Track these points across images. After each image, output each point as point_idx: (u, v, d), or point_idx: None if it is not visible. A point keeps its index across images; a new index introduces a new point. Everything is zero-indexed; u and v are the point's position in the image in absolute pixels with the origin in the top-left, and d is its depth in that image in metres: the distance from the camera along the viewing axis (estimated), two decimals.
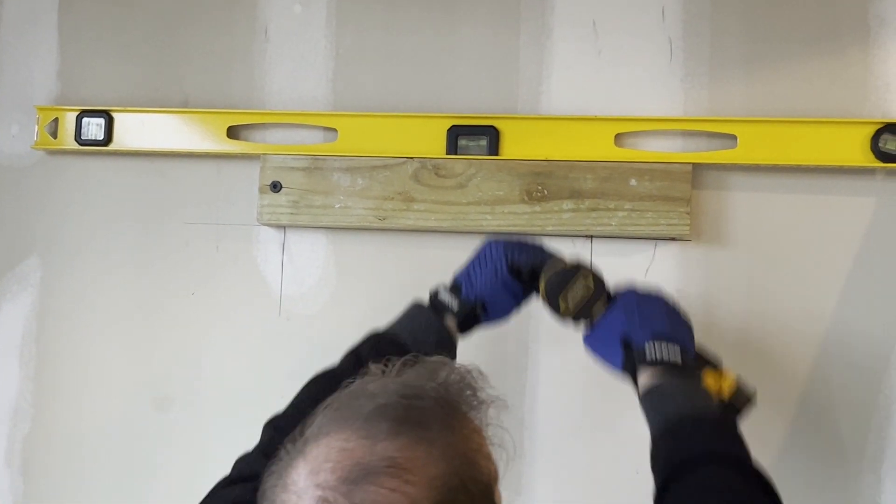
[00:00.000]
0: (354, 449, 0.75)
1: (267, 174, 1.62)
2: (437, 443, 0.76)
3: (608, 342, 1.26)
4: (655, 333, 1.21)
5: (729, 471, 1.01)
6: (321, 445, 0.76)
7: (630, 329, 1.23)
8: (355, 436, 0.76)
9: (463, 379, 0.84)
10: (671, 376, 1.17)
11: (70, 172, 1.76)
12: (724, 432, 1.10)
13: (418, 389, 0.80)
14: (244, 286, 1.68)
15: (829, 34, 1.50)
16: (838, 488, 1.47)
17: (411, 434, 0.76)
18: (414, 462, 0.74)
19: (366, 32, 1.66)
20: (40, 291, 1.76)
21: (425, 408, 0.78)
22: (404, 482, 0.73)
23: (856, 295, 1.48)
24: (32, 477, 1.75)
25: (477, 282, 1.30)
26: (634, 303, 1.27)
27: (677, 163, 1.50)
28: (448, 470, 0.75)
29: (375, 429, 0.76)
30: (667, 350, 1.19)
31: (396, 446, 0.75)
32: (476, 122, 1.57)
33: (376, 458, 0.74)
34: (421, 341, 1.23)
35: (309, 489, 0.74)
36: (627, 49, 1.56)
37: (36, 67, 1.78)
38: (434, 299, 1.30)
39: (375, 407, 0.78)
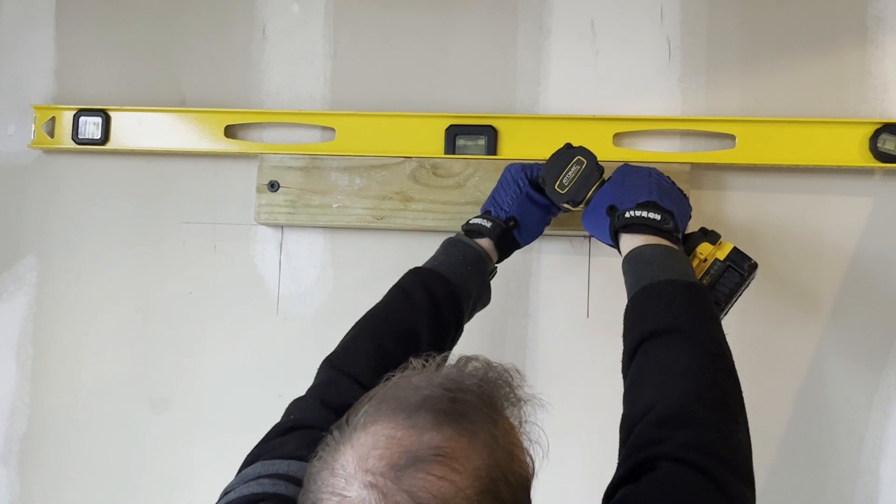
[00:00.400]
0: (402, 437, 0.77)
1: (264, 173, 1.62)
2: (480, 434, 0.79)
3: (598, 215, 1.30)
4: (639, 202, 1.26)
5: (680, 341, 1.08)
6: (368, 433, 0.79)
7: (616, 199, 1.28)
8: (402, 425, 0.78)
9: (501, 376, 0.86)
10: (651, 241, 1.21)
11: (67, 172, 1.75)
12: (688, 297, 1.14)
13: (461, 384, 0.83)
14: (241, 286, 1.68)
15: (826, 34, 1.50)
16: (835, 487, 1.47)
17: (456, 425, 0.78)
18: (459, 451, 0.77)
19: (363, 32, 1.66)
20: (37, 291, 1.76)
21: (468, 401, 0.81)
22: (451, 470, 0.76)
23: (853, 294, 1.48)
24: (29, 476, 1.74)
25: (503, 202, 1.36)
26: (623, 176, 1.32)
27: (675, 163, 1.50)
28: (490, 461, 0.78)
29: (421, 419, 0.78)
30: (647, 213, 1.23)
31: (443, 436, 0.77)
32: (475, 122, 1.57)
33: (423, 447, 0.76)
34: (459, 273, 1.29)
35: (358, 474, 0.76)
36: (625, 49, 1.57)
37: (33, 66, 1.78)
38: (466, 226, 1.35)
39: (421, 398, 0.80)
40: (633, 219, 1.24)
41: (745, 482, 0.98)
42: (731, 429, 1.01)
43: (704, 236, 1.32)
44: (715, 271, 1.27)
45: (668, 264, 1.19)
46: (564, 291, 1.56)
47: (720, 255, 1.28)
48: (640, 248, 1.21)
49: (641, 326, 1.13)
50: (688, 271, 1.19)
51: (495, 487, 0.78)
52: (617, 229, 1.26)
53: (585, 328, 1.55)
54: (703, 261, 1.28)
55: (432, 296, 1.26)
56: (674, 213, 1.26)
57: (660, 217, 1.23)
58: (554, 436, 1.52)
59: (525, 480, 0.82)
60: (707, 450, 0.97)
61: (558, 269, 1.56)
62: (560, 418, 1.54)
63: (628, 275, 1.21)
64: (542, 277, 1.57)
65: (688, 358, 1.07)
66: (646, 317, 1.14)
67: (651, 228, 1.23)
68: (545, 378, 1.56)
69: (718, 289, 1.27)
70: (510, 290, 1.58)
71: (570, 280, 1.56)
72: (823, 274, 1.49)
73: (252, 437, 1.20)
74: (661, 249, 1.21)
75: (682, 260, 1.21)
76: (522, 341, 1.58)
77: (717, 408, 1.03)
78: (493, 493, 0.77)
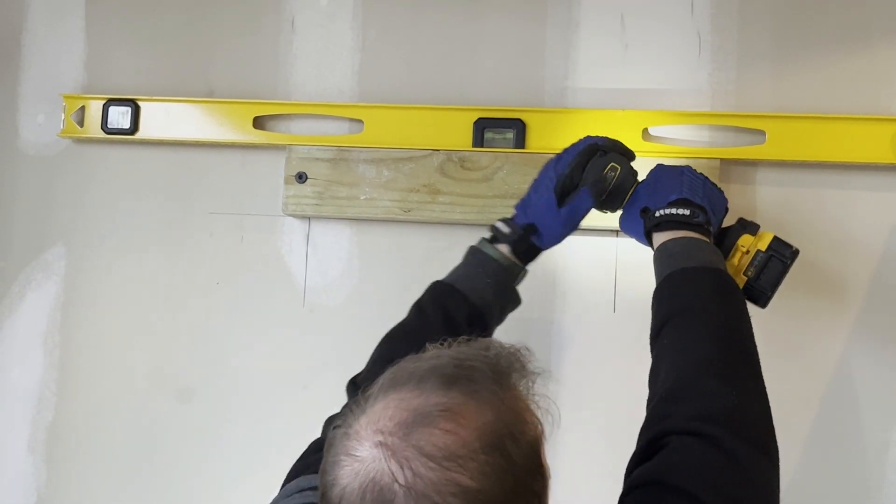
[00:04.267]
0: (410, 400, 0.80)
1: (292, 165, 1.62)
2: (485, 395, 0.81)
3: (633, 218, 1.32)
4: (671, 201, 1.27)
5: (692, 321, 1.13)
6: (380, 402, 0.82)
7: (649, 200, 1.30)
8: (411, 393, 0.81)
9: (511, 352, 0.89)
10: (678, 235, 1.24)
11: (95, 161, 1.76)
12: (704, 281, 1.17)
13: (468, 354, 0.86)
14: (268, 277, 1.68)
15: (858, 29, 1.49)
16: (861, 487, 1.46)
17: (461, 387, 0.81)
18: (464, 409, 0.79)
19: (392, 25, 1.66)
20: (65, 280, 1.77)
21: (474, 366, 0.83)
22: (457, 425, 0.78)
23: (883, 290, 1.47)
24: (55, 465, 1.76)
25: (528, 205, 1.34)
26: (656, 177, 1.33)
27: (705, 158, 1.50)
28: (496, 420, 0.80)
29: (429, 385, 0.81)
30: (676, 210, 1.25)
31: (449, 397, 0.80)
32: (503, 116, 1.57)
33: (430, 405, 0.79)
34: (478, 286, 1.29)
35: (369, 436, 0.79)
36: (655, 43, 1.56)
37: (62, 57, 1.79)
38: (491, 229, 1.34)
39: (429, 368, 0.83)
40: (662, 217, 1.26)
41: (759, 451, 0.99)
42: (740, 399, 1.03)
43: (744, 228, 1.33)
44: (759, 262, 1.28)
45: (690, 254, 1.21)
46: (591, 287, 1.56)
47: (762, 245, 1.29)
48: (666, 243, 1.24)
49: (660, 313, 1.18)
50: (710, 258, 1.21)
51: (501, 443, 0.79)
52: (649, 229, 1.28)
53: (612, 323, 1.54)
54: (746, 252, 1.30)
55: (447, 313, 1.26)
56: (705, 207, 1.27)
57: (689, 212, 1.25)
58: (581, 430, 1.53)
59: (534, 441, 0.84)
60: (712, 418, 1.00)
61: (585, 264, 1.56)
62: (587, 412, 1.55)
63: (656, 269, 1.24)
64: (569, 272, 1.57)
65: (698, 335, 1.11)
66: (663, 303, 1.18)
67: (680, 224, 1.25)
68: (571, 373, 1.56)
69: (763, 278, 1.28)
70: (536, 286, 1.57)
71: (596, 275, 1.55)
72: (853, 270, 1.48)
73: (277, 428, 1.21)
74: (685, 241, 1.23)
75: (705, 249, 1.23)
76: (548, 336, 1.57)
77: (723, 379, 1.05)
78: (499, 449, 0.79)
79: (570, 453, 1.54)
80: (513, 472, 0.79)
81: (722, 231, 1.33)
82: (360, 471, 0.78)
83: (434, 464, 0.76)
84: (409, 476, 0.76)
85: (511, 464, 0.79)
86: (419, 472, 0.76)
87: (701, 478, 0.95)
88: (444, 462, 0.76)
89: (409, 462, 0.76)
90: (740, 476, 0.96)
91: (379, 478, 0.77)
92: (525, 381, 0.88)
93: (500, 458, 0.79)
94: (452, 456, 0.77)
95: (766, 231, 1.32)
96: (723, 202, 1.33)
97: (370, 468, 0.77)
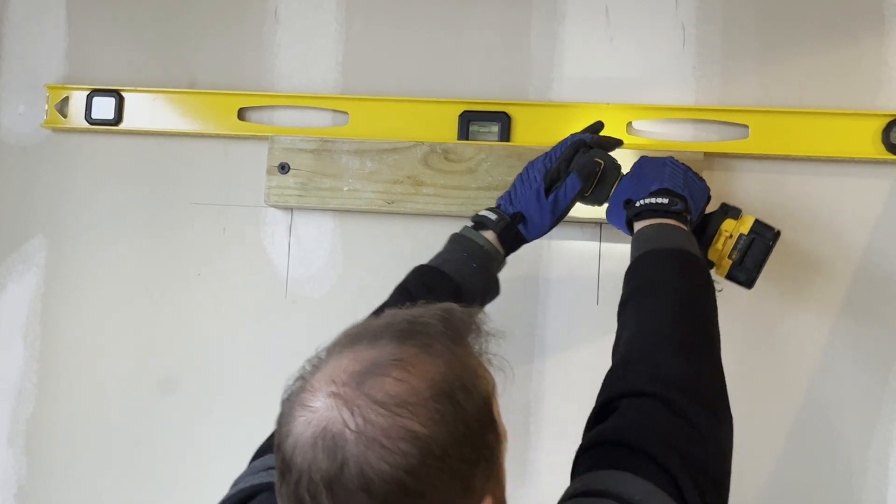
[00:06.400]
0: (364, 353, 0.82)
1: (275, 155, 1.62)
2: (438, 349, 0.83)
3: (618, 209, 1.35)
4: (652, 191, 1.32)
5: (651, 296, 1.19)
6: (334, 358, 0.83)
7: (632, 192, 1.34)
8: (365, 348, 0.83)
9: (467, 313, 0.90)
10: (656, 222, 1.28)
11: (77, 152, 1.75)
12: (667, 259, 1.23)
13: (424, 314, 0.87)
14: (251, 268, 1.67)
15: (843, 25, 1.50)
16: (843, 481, 1.47)
17: (414, 342, 0.83)
18: (416, 359, 0.82)
19: (376, 16, 1.65)
20: (45, 271, 1.76)
21: (428, 323, 0.86)
22: (408, 374, 0.80)
23: (866, 284, 1.47)
24: (36, 457, 1.74)
25: (516, 196, 1.38)
26: (639, 169, 1.37)
27: (689, 151, 1.50)
28: (448, 372, 0.82)
29: (383, 340, 0.83)
30: (655, 200, 1.30)
31: (402, 349, 0.82)
32: (488, 109, 1.56)
33: (383, 356, 0.81)
34: (463, 270, 1.32)
35: (322, 386, 0.81)
36: (640, 36, 1.56)
37: (43, 46, 1.78)
38: (474, 217, 1.38)
39: (384, 325, 0.85)
40: (642, 207, 1.30)
41: (709, 411, 1.03)
42: (693, 367, 1.08)
43: (725, 214, 1.37)
44: (742, 245, 1.34)
45: (662, 237, 1.26)
46: (575, 278, 1.56)
47: (744, 229, 1.34)
48: (643, 229, 1.29)
49: (626, 289, 1.24)
50: (680, 241, 1.26)
51: (452, 393, 0.81)
52: (630, 219, 1.32)
53: (595, 315, 1.54)
54: (730, 237, 1.34)
55: (434, 295, 1.26)
56: (685, 196, 1.31)
57: (667, 201, 1.29)
58: (564, 421, 1.53)
59: (486, 394, 0.85)
60: (663, 381, 1.05)
61: (569, 255, 1.56)
62: (570, 403, 1.55)
63: (631, 253, 1.28)
64: (553, 264, 1.57)
65: (657, 309, 1.16)
66: (630, 280, 1.24)
67: (658, 212, 1.29)
68: (555, 364, 1.56)
69: (748, 260, 1.33)
70: (520, 277, 1.57)
71: (580, 267, 1.55)
72: (835, 264, 1.48)
73: (260, 420, 1.19)
74: (659, 226, 1.28)
75: (678, 233, 1.27)
76: (532, 328, 1.57)
77: (678, 348, 1.11)
78: (449, 397, 0.80)
79: (553, 444, 1.54)
80: (464, 420, 0.81)
81: (705, 217, 1.37)
82: (313, 420, 0.79)
83: (385, 410, 0.78)
84: (359, 422, 0.78)
85: (462, 413, 0.81)
86: (370, 419, 0.77)
87: (653, 435, 0.99)
88: (394, 408, 0.78)
89: (360, 409, 0.78)
90: (691, 433, 1.00)
91: (331, 426, 0.78)
92: (480, 340, 0.90)
93: (451, 407, 0.80)
94: (403, 403, 0.78)
95: (748, 215, 1.36)
96: (704, 191, 1.36)
97: (322, 417, 0.79)
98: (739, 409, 1.47)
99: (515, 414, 1.56)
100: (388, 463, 0.77)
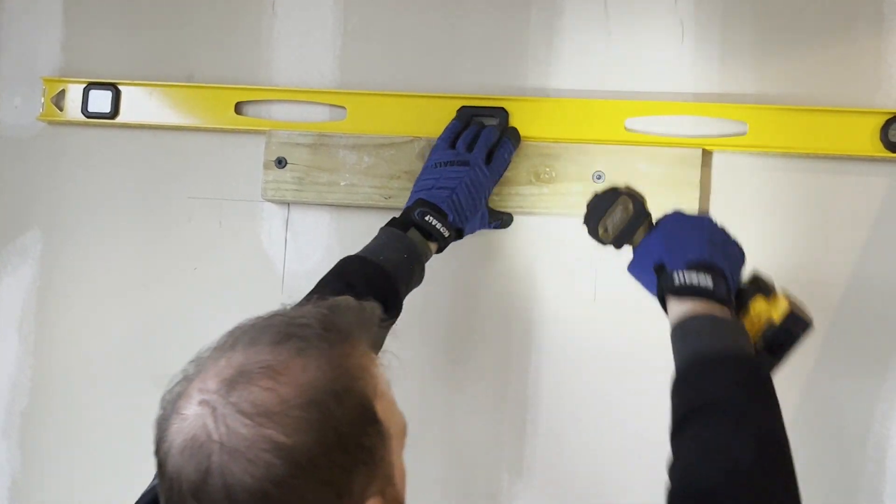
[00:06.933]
0: (239, 358, 0.82)
1: (272, 150, 1.61)
2: (313, 353, 0.83)
3: (645, 268, 1.24)
4: (689, 260, 1.18)
5: (724, 422, 1.02)
6: (212, 362, 0.84)
7: (665, 255, 1.21)
8: (240, 352, 0.83)
9: (356, 309, 0.91)
10: (701, 309, 1.14)
11: (74, 145, 1.74)
12: (739, 374, 1.08)
13: (304, 313, 0.88)
14: (247, 262, 1.67)
15: (843, 21, 1.49)
16: (840, 477, 1.47)
17: (288, 345, 0.83)
18: (288, 367, 0.81)
19: (374, 10, 1.65)
20: (41, 264, 1.75)
21: (305, 324, 0.85)
22: (276, 382, 0.80)
23: (864, 283, 1.47)
24: (30, 451, 1.74)
25: (462, 214, 1.43)
26: (674, 227, 1.25)
27: (686, 147, 1.49)
28: (322, 378, 0.81)
29: (259, 344, 0.83)
30: (697, 278, 1.16)
31: (274, 354, 0.82)
32: (487, 104, 1.55)
33: (253, 363, 0.81)
34: (403, 269, 1.35)
35: (195, 394, 0.81)
36: (638, 30, 1.55)
37: (39, 39, 1.76)
38: (423, 224, 1.39)
39: (263, 327, 0.86)
40: (682, 284, 1.17)
41: None
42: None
43: (758, 289, 1.21)
44: (770, 335, 1.18)
45: (719, 336, 1.13)
46: (571, 274, 1.55)
47: (776, 314, 1.18)
48: (689, 319, 1.15)
49: (687, 400, 1.08)
50: (740, 343, 1.13)
51: (322, 399, 0.80)
52: (663, 292, 1.20)
53: (592, 312, 1.54)
54: (758, 320, 1.19)
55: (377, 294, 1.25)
56: (725, 272, 1.18)
57: (712, 283, 1.15)
58: (558, 418, 1.53)
59: (364, 398, 0.85)
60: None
61: (565, 251, 1.55)
62: (566, 401, 1.55)
63: (676, 345, 1.15)
64: (549, 260, 1.56)
65: (729, 437, 1.01)
66: (692, 390, 1.09)
67: (702, 295, 1.16)
68: (551, 361, 1.55)
69: (775, 351, 1.18)
70: (516, 273, 1.57)
71: (577, 263, 1.55)
72: (833, 262, 1.48)
73: None
74: (710, 320, 1.14)
75: (734, 330, 1.15)
76: (528, 325, 1.57)
77: (752, 493, 0.97)
78: (318, 405, 0.80)
79: (549, 440, 1.54)
80: (334, 427, 0.80)
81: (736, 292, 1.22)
82: (183, 428, 0.80)
83: (248, 420, 0.78)
84: (223, 432, 0.78)
85: (332, 420, 0.80)
86: (233, 429, 0.78)
87: None
88: (256, 418, 0.78)
89: (225, 419, 0.78)
90: None
91: (198, 435, 0.79)
92: (367, 337, 0.90)
93: (319, 414, 0.79)
94: (266, 412, 0.78)
95: (781, 295, 1.20)
96: (741, 260, 1.24)
97: (192, 425, 0.79)
98: None
99: (512, 410, 1.56)
100: (251, 475, 0.77)
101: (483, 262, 1.58)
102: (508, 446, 1.56)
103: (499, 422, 1.56)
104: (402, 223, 1.40)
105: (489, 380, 1.57)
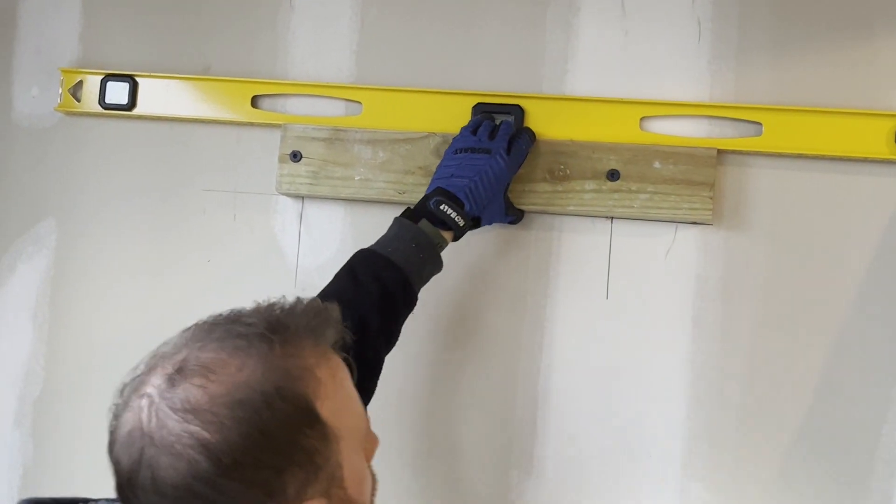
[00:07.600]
0: (185, 355, 0.86)
1: (287, 143, 1.62)
2: (252, 352, 0.85)
3: None
4: None
5: None
6: (168, 356, 0.87)
7: None
8: (189, 347, 0.87)
9: (312, 311, 0.94)
10: None
11: (90, 135, 1.75)
12: None
13: (252, 314, 0.91)
14: (260, 255, 1.67)
15: (860, 22, 1.49)
16: (850, 479, 1.46)
17: (230, 345, 0.86)
18: (224, 366, 0.84)
19: (391, 5, 1.65)
20: (56, 254, 1.76)
21: (250, 323, 0.88)
22: (209, 381, 0.83)
23: (877, 284, 1.47)
24: (42, 439, 1.75)
25: (480, 202, 1.42)
26: None
27: (701, 147, 1.49)
28: (259, 378, 0.84)
29: (209, 342, 0.87)
30: None
31: (215, 353, 0.85)
32: (502, 101, 1.56)
33: (193, 360, 0.85)
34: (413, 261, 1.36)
35: (144, 388, 0.85)
36: (655, 30, 1.55)
37: (58, 30, 1.78)
38: (438, 213, 1.39)
39: (212, 326, 0.90)
40: None
41: None
42: None
43: None
44: None
45: None
46: (584, 272, 1.55)
47: None
48: None
49: None
50: None
51: (252, 399, 0.83)
52: None
53: (604, 309, 1.54)
54: None
55: (384, 286, 1.31)
56: None
57: None
58: (569, 415, 1.53)
59: (302, 397, 0.86)
60: None
61: (578, 249, 1.55)
62: (575, 400, 1.55)
63: None
64: (562, 257, 1.56)
65: None
66: None
67: None
68: (563, 359, 1.55)
69: None
70: (529, 270, 1.57)
71: (590, 260, 1.55)
72: (846, 262, 1.48)
73: None
74: None
75: None
76: (541, 321, 1.57)
77: None
78: (247, 404, 0.82)
79: (560, 438, 1.54)
80: (261, 428, 0.82)
81: None
82: (129, 419, 0.84)
83: (177, 416, 0.81)
84: (154, 427, 0.82)
85: (259, 419, 0.82)
86: (164, 424, 0.81)
87: None
88: (185, 415, 0.81)
89: (157, 413, 0.82)
90: None
91: (135, 427, 0.83)
92: (321, 339, 0.92)
93: (246, 414, 0.82)
94: (194, 410, 0.81)
95: None
96: None
97: (135, 417, 0.83)
98: (748, 408, 1.48)
99: (522, 407, 1.56)
100: (176, 470, 0.80)
101: (495, 258, 1.59)
102: (518, 444, 1.56)
103: (508, 419, 1.57)
104: (414, 213, 1.40)
105: (499, 376, 1.57)
